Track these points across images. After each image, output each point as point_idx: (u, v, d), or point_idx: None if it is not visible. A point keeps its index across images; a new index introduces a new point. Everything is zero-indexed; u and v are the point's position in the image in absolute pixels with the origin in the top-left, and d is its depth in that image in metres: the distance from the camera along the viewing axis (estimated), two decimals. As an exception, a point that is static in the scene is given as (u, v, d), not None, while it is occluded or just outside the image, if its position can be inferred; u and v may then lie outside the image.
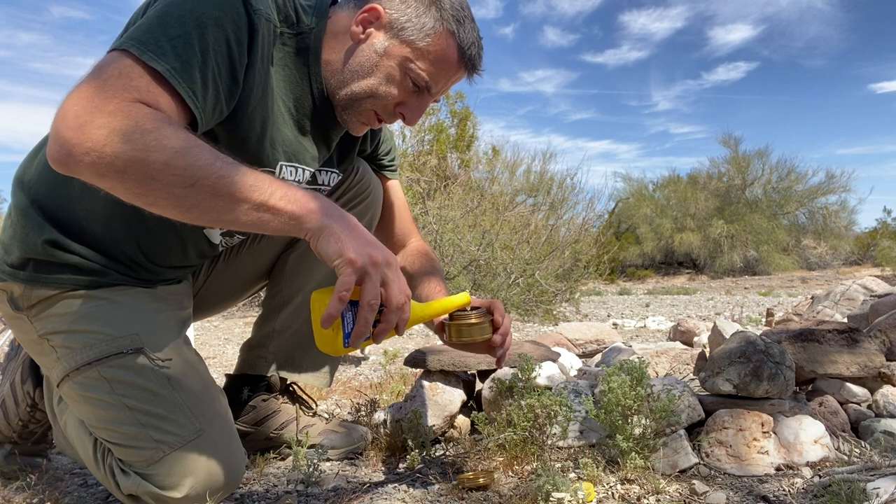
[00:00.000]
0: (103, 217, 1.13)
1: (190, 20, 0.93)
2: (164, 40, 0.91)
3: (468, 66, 1.16)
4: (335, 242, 0.89)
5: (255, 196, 0.87)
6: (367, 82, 1.13)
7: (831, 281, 13.41)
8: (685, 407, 1.42)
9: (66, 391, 1.13)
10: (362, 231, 0.93)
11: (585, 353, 2.71)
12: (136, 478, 1.08)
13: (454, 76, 1.16)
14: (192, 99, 0.93)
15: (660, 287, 14.83)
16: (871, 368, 1.58)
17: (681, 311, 7.38)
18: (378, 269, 0.91)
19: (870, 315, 2.26)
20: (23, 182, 1.17)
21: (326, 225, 0.90)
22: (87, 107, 0.84)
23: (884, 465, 1.26)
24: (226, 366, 2.96)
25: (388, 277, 0.93)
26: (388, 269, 0.93)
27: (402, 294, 0.95)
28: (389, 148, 1.51)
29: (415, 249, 1.48)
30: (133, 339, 1.11)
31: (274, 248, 1.50)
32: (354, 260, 0.89)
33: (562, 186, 8.63)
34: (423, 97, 1.17)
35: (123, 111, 0.85)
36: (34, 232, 1.12)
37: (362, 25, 1.12)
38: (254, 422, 1.48)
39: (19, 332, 1.19)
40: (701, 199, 19.64)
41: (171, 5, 0.94)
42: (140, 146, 0.83)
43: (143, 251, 1.18)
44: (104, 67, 0.89)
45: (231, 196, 0.87)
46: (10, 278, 1.14)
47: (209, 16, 0.94)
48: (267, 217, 0.88)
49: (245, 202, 0.87)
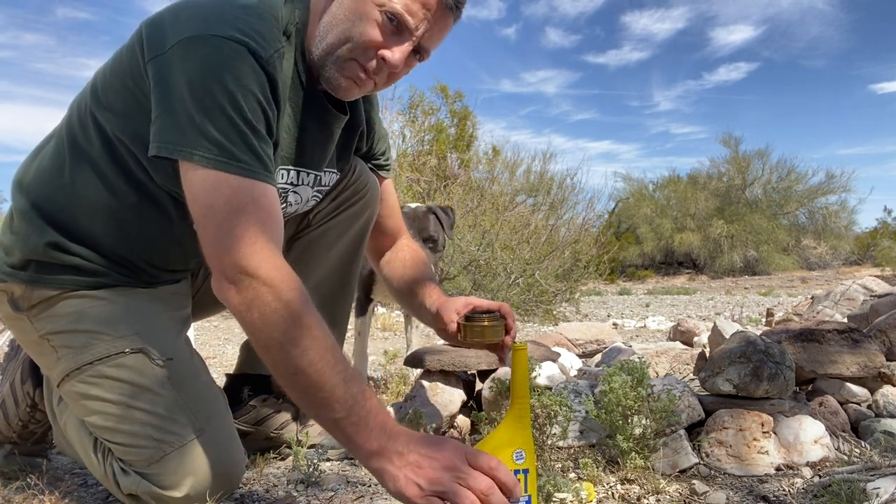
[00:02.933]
0: (103, 223, 1.14)
1: (228, 104, 0.96)
2: (233, 136, 0.96)
3: (447, 0, 1.06)
4: (393, 483, 0.89)
5: (333, 413, 0.93)
6: (341, 27, 1.07)
7: (831, 281, 13.41)
8: (685, 407, 1.42)
9: (67, 391, 1.13)
10: (416, 457, 0.90)
11: (585, 353, 2.71)
12: (136, 477, 1.08)
13: (434, 10, 1.06)
14: (271, 179, 1.01)
15: (660, 287, 14.83)
16: (871, 368, 1.58)
17: (681, 311, 7.39)
18: (448, 483, 0.86)
19: (870, 315, 2.26)
20: (22, 185, 1.17)
21: (379, 469, 0.91)
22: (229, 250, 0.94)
23: (884, 465, 1.26)
24: (226, 366, 2.96)
25: (461, 477, 0.86)
26: (455, 471, 0.87)
27: (485, 479, 0.86)
28: (385, 147, 1.51)
29: (410, 256, 1.50)
30: (134, 340, 1.11)
31: None
32: (418, 495, 0.87)
33: (562, 186, 8.63)
34: (403, 37, 1.07)
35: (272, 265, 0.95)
36: (35, 234, 1.12)
37: None
38: (254, 421, 1.48)
39: (19, 333, 1.19)
40: (701, 199, 19.64)
41: (201, 90, 0.95)
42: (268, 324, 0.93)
43: (144, 257, 1.18)
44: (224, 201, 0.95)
45: (317, 406, 0.94)
46: (10, 279, 1.14)
47: (242, 90, 0.97)
48: (337, 435, 0.95)
49: (324, 414, 0.94)
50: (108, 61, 1.14)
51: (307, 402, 0.95)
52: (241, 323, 0.97)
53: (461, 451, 0.88)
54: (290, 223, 1.47)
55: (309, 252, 1.48)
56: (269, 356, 0.95)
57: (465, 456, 0.87)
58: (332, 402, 0.92)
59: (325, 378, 0.92)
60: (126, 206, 1.13)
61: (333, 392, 0.92)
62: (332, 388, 0.92)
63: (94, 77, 1.15)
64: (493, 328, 1.22)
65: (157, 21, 1.03)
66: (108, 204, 1.12)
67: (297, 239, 1.48)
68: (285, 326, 0.92)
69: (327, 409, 0.92)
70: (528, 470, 0.94)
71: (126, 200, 1.12)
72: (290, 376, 0.94)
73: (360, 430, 0.92)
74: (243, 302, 0.93)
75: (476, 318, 1.23)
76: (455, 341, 1.32)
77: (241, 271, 0.93)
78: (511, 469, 0.91)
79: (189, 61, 0.96)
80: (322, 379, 0.92)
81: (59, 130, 1.17)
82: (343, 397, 0.92)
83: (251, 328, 0.95)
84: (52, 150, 1.16)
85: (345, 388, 0.92)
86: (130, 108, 1.06)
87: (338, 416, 0.92)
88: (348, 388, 0.93)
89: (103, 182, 1.12)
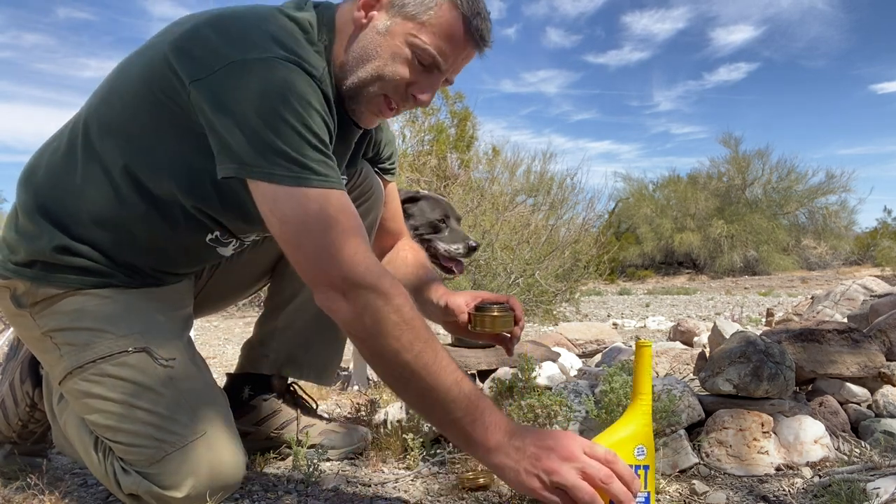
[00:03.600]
0: (111, 229, 1.14)
1: (296, 121, 0.97)
2: (306, 151, 0.97)
3: (475, 39, 1.11)
4: (514, 478, 0.92)
5: (448, 414, 0.95)
6: (373, 65, 1.10)
7: (831, 281, 13.40)
8: (685, 407, 1.42)
9: (69, 389, 1.13)
10: (534, 450, 0.92)
11: (585, 353, 2.71)
12: (137, 477, 1.08)
13: (463, 51, 1.12)
14: (343, 186, 1.04)
15: (660, 287, 14.83)
16: (871, 368, 1.58)
17: (681, 311, 7.38)
18: (567, 474, 0.88)
19: (870, 315, 2.26)
20: (29, 183, 1.17)
21: (499, 464, 0.94)
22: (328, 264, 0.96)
23: (884, 465, 1.26)
24: (226, 366, 2.96)
25: (580, 468, 0.88)
26: (574, 461, 0.89)
27: (604, 468, 0.88)
28: (391, 151, 1.51)
29: (411, 256, 1.52)
30: (137, 339, 1.12)
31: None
32: (539, 487, 0.90)
33: (562, 186, 8.62)
34: (433, 75, 1.12)
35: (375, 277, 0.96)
36: (42, 237, 1.12)
37: (364, 10, 1.10)
38: (254, 421, 1.48)
39: (21, 330, 1.20)
40: (701, 199, 19.62)
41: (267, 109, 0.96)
42: (381, 331, 0.95)
43: (150, 263, 1.19)
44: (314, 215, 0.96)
45: (431, 408, 0.97)
46: (15, 275, 1.14)
47: (305, 106, 0.98)
48: (453, 435, 0.97)
49: (439, 415, 0.97)
50: (119, 83, 1.12)
51: (423, 405, 0.98)
52: (352, 332, 0.99)
53: (579, 442, 0.91)
54: None
55: None
56: (382, 362, 0.97)
57: (583, 447, 0.90)
58: (449, 402, 0.94)
59: (440, 380, 0.94)
60: (135, 214, 1.13)
61: (449, 393, 0.94)
62: (447, 390, 0.94)
63: (103, 92, 1.14)
64: (502, 318, 1.26)
65: (190, 41, 1.02)
66: (118, 211, 1.13)
67: None
68: (399, 332, 0.94)
69: (444, 410, 0.95)
70: (649, 466, 0.96)
71: (136, 209, 1.13)
72: (405, 381, 0.96)
73: (478, 428, 0.94)
74: (354, 311, 0.95)
75: (486, 308, 1.27)
76: (464, 333, 1.36)
77: (349, 282, 0.95)
78: (632, 464, 0.93)
79: (246, 82, 0.96)
80: (437, 381, 0.94)
81: (73, 130, 1.16)
82: (459, 397, 0.94)
83: (363, 335, 0.97)
84: (63, 149, 1.15)
85: (459, 388, 0.95)
86: (155, 127, 1.06)
87: (455, 416, 0.94)
88: (461, 387, 0.95)
89: (114, 189, 1.11)
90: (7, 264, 1.15)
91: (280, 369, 1.50)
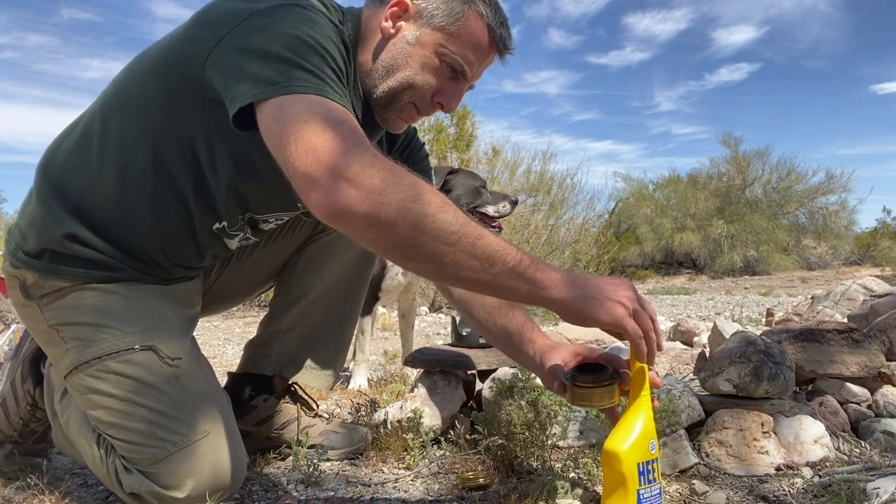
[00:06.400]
0: (125, 211, 1.14)
1: (319, 47, 0.97)
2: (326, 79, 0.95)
3: (499, 46, 1.15)
4: (599, 306, 0.92)
5: (508, 261, 0.88)
6: (404, 74, 1.12)
7: (831, 281, 13.40)
8: (685, 407, 1.42)
9: (74, 383, 1.13)
10: (601, 283, 0.95)
11: (585, 353, 2.70)
12: (139, 476, 1.08)
13: (487, 58, 1.16)
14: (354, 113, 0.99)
15: (660, 287, 14.83)
16: (871, 368, 1.58)
17: (681, 311, 7.38)
18: (636, 301, 0.95)
19: (870, 315, 2.26)
20: (47, 169, 1.17)
21: (576, 295, 0.91)
22: (342, 152, 0.84)
23: (884, 465, 1.26)
24: (226, 365, 2.96)
25: (642, 305, 0.96)
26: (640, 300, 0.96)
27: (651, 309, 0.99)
28: (424, 152, 1.47)
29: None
30: (143, 336, 1.12)
31: (286, 249, 1.51)
32: (623, 314, 0.92)
33: (562, 186, 8.63)
34: (459, 83, 1.16)
35: (379, 160, 0.86)
36: (53, 224, 1.13)
37: (392, 20, 1.12)
38: (255, 421, 1.48)
39: (29, 321, 1.20)
40: (701, 199, 19.61)
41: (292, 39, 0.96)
42: (409, 196, 0.84)
43: (161, 249, 1.19)
44: (321, 113, 0.89)
45: (487, 258, 0.87)
46: (24, 266, 1.15)
47: (327, 39, 1.00)
48: (516, 284, 0.90)
49: (498, 265, 0.88)
50: (138, 63, 1.14)
51: (476, 262, 0.87)
52: (374, 213, 0.83)
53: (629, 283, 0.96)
54: (306, 227, 1.48)
55: (320, 256, 1.50)
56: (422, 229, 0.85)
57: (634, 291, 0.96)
58: (499, 251, 0.88)
59: (481, 230, 0.88)
60: (148, 197, 1.13)
61: (499, 242, 0.89)
62: (496, 240, 0.89)
63: (122, 75, 1.15)
64: (600, 394, 1.04)
65: (210, 13, 1.04)
66: (132, 194, 1.13)
67: (312, 242, 1.50)
68: (432, 195, 0.86)
69: (500, 260, 0.87)
70: (658, 459, 0.98)
71: (149, 192, 1.13)
72: (453, 241, 0.85)
73: (540, 266, 0.91)
74: (375, 186, 0.83)
75: (581, 381, 1.05)
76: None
77: (363, 162, 0.84)
78: (648, 459, 0.95)
79: (267, 21, 0.97)
80: (480, 230, 0.88)
81: (90, 115, 1.16)
82: (506, 246, 0.90)
83: (386, 214, 0.83)
84: (80, 131, 1.16)
85: (504, 242, 0.91)
86: (175, 100, 1.07)
87: (513, 262, 0.89)
88: (505, 243, 0.92)
89: (128, 167, 1.12)
90: (18, 253, 1.16)
91: (282, 370, 1.50)
